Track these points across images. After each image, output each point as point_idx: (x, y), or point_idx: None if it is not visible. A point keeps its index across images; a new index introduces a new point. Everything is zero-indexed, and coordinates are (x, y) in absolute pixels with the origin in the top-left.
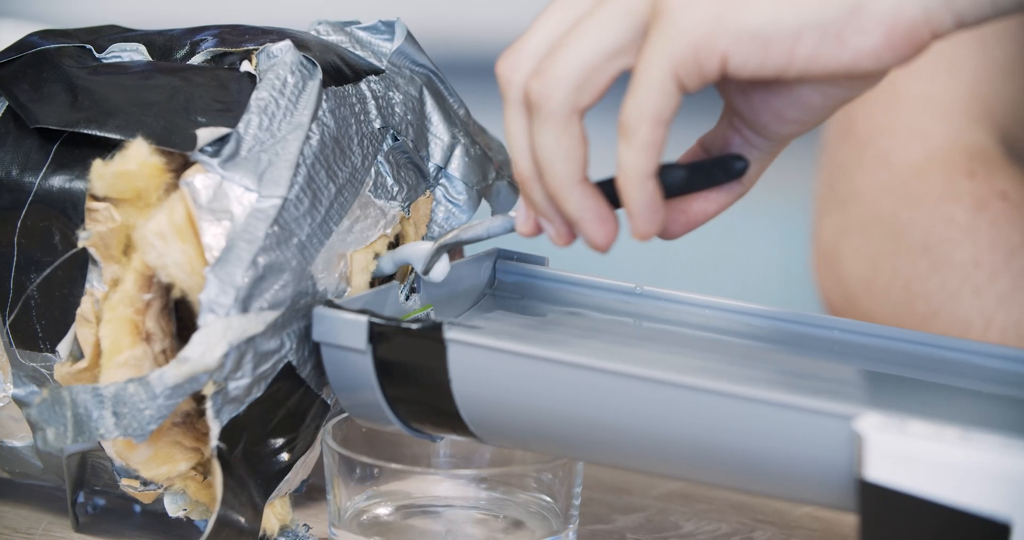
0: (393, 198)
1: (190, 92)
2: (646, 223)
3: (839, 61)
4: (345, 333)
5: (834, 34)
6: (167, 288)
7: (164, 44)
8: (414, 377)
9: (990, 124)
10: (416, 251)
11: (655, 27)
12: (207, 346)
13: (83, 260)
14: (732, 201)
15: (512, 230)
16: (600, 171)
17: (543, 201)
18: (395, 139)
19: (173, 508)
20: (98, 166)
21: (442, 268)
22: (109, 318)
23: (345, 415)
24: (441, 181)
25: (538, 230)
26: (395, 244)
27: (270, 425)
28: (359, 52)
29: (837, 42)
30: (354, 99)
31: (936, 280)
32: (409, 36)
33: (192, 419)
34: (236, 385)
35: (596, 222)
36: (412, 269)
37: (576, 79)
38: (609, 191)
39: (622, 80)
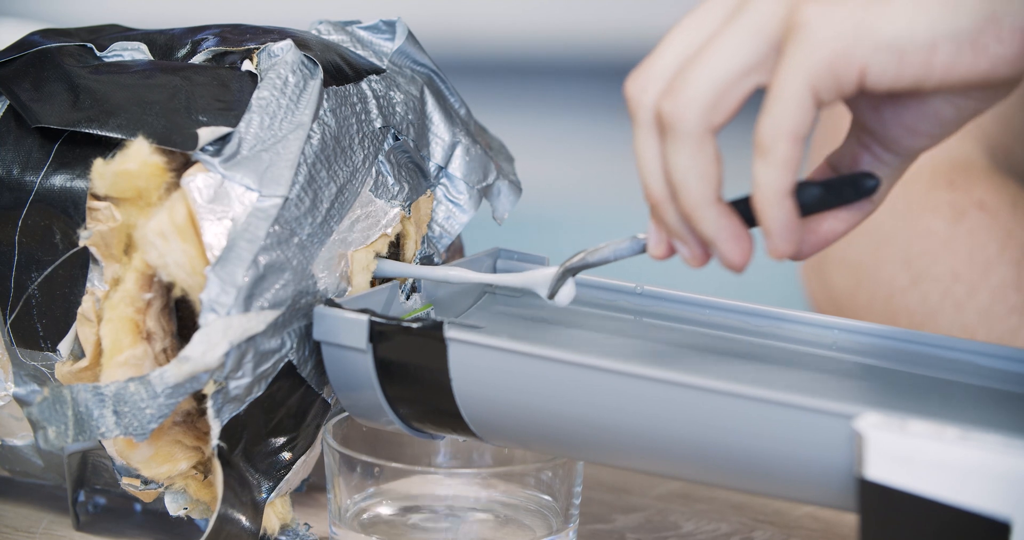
0: (394, 198)
1: (191, 91)
2: (784, 241)
3: (976, 70)
4: (346, 332)
5: (969, 43)
6: (168, 287)
7: (165, 43)
8: (415, 376)
9: (979, 135)
10: (539, 276)
11: (791, 42)
12: (208, 345)
13: (84, 259)
14: (862, 219)
15: (641, 252)
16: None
17: (677, 222)
18: (396, 139)
19: (174, 507)
20: (99, 165)
21: (568, 292)
22: (110, 317)
23: (346, 414)
24: (442, 180)
25: (671, 252)
26: (396, 244)
27: (271, 424)
28: (360, 51)
29: (973, 51)
30: (355, 98)
31: (917, 294)
32: (410, 35)
33: (193, 418)
34: (237, 384)
35: (733, 241)
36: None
37: (710, 97)
38: (743, 210)
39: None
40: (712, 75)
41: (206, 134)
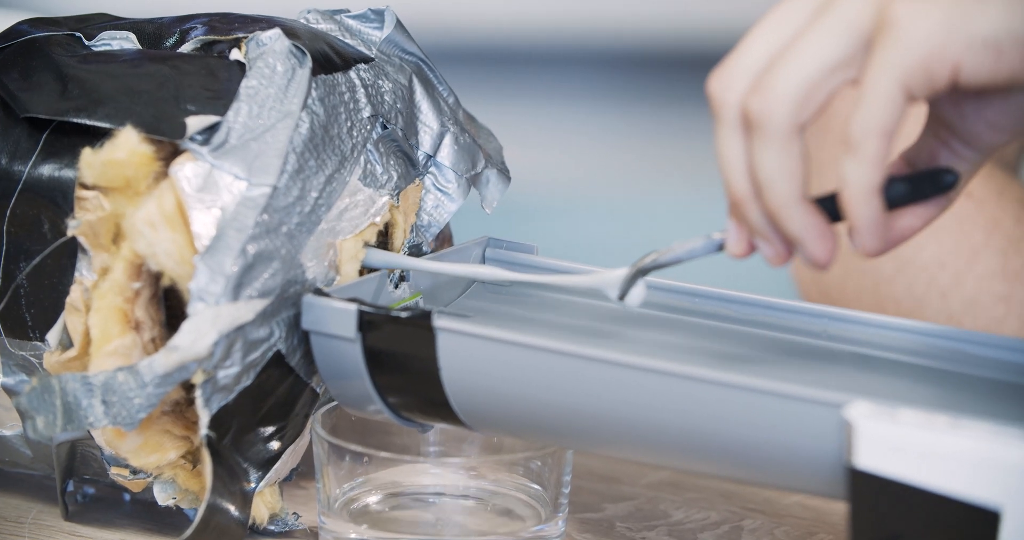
0: (382, 186)
1: (180, 80)
2: (873, 238)
3: None
4: (334, 321)
5: None
6: (156, 277)
7: (154, 32)
8: (403, 365)
9: None
10: (609, 277)
11: (882, 39)
12: (197, 335)
13: (72, 249)
14: (937, 215)
15: (716, 251)
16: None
17: (761, 221)
18: (384, 127)
19: (163, 496)
20: (87, 155)
21: (638, 293)
22: (98, 307)
23: (334, 403)
24: (430, 169)
25: (751, 251)
26: (384, 233)
27: (259, 413)
28: (348, 40)
29: None
30: (343, 87)
31: (903, 283)
32: (398, 24)
33: (181, 408)
34: (225, 374)
35: (819, 240)
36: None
37: (800, 94)
38: (826, 207)
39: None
40: (802, 72)
41: (194, 123)
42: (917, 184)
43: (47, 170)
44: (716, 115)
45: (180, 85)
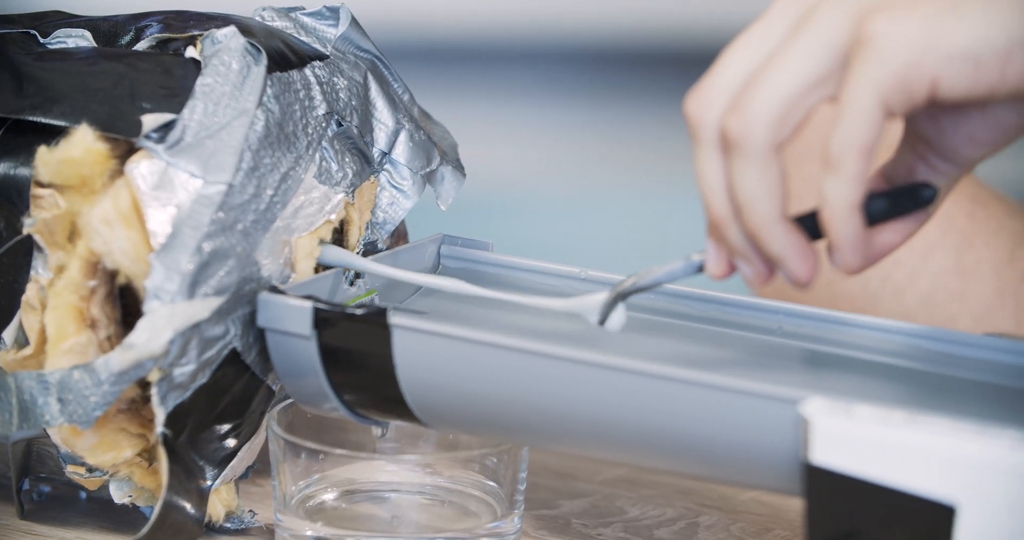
0: (337, 184)
1: (135, 78)
2: (854, 255)
3: None
4: (290, 319)
5: None
6: (112, 274)
7: (109, 30)
8: (359, 363)
9: None
10: (589, 301)
11: (859, 55)
12: (152, 332)
13: (28, 247)
14: (916, 230)
15: (696, 272)
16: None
17: (741, 241)
18: (339, 125)
19: (119, 495)
20: (43, 153)
21: (618, 318)
22: (54, 305)
23: (290, 401)
24: (386, 167)
25: (731, 271)
26: (340, 230)
27: (215, 411)
28: (303, 38)
29: None
30: (299, 85)
31: (857, 279)
32: (354, 21)
33: (137, 406)
34: (181, 371)
35: (800, 258)
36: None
37: (778, 113)
38: (805, 225)
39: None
40: (779, 90)
41: (150, 121)
42: (896, 200)
43: (2, 168)
44: (694, 136)
45: (136, 83)
